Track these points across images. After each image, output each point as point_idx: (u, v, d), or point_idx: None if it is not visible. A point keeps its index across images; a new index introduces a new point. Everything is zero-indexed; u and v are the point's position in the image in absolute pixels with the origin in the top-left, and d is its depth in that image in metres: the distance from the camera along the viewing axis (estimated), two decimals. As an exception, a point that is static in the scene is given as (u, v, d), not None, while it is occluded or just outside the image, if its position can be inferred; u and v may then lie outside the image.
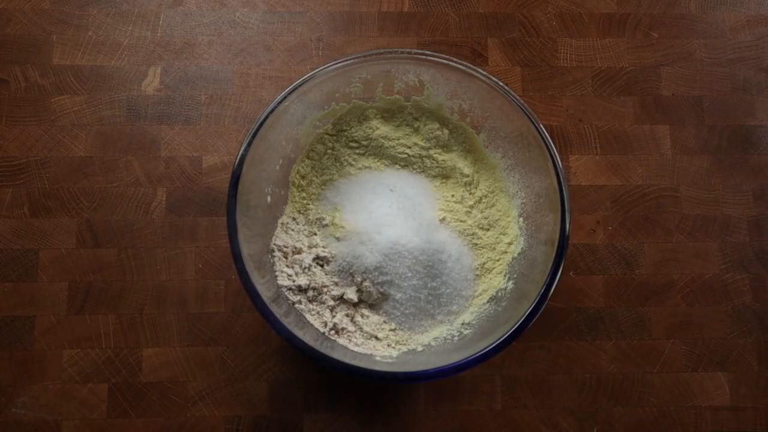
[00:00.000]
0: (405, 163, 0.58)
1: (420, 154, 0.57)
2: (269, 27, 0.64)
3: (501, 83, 0.50)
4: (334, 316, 0.52)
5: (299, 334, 0.45)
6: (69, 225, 0.58)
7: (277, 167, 0.55)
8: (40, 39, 0.62)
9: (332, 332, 0.52)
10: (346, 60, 0.50)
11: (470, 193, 0.57)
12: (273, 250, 0.53)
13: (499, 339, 0.44)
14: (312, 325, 0.52)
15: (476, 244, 0.55)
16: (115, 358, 0.56)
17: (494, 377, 0.57)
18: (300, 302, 0.52)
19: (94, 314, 0.57)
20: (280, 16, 0.65)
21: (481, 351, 0.43)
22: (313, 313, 0.52)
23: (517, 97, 0.49)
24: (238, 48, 0.63)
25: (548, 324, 0.58)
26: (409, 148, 0.58)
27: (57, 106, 0.61)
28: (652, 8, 0.67)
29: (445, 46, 0.64)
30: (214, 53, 0.63)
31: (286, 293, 0.52)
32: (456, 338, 0.52)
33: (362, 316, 0.53)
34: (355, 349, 0.51)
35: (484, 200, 0.56)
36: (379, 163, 0.58)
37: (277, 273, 0.52)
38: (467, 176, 0.57)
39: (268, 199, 0.54)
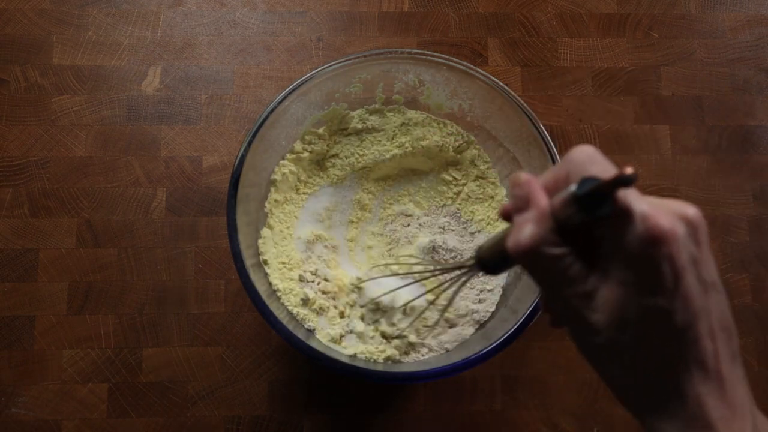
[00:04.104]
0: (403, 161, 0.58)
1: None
2: (269, 27, 0.64)
3: (501, 83, 0.50)
4: (334, 316, 0.52)
5: (299, 334, 0.45)
6: (69, 225, 0.58)
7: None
8: (40, 39, 0.62)
9: (332, 332, 0.51)
10: (346, 60, 0.50)
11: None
12: (273, 250, 0.53)
13: (499, 339, 0.44)
14: (312, 325, 0.51)
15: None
16: (115, 358, 0.56)
17: (494, 377, 0.57)
18: (300, 302, 0.52)
19: (94, 314, 0.57)
20: (280, 16, 0.65)
21: (481, 351, 0.43)
22: (313, 313, 0.52)
23: (517, 97, 0.49)
24: (238, 48, 0.63)
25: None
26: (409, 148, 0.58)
27: (57, 106, 0.61)
28: (652, 8, 0.67)
29: (445, 46, 0.64)
30: (214, 53, 0.63)
31: (286, 293, 0.52)
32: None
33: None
34: (355, 349, 0.51)
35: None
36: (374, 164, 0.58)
37: (277, 273, 0.52)
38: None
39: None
